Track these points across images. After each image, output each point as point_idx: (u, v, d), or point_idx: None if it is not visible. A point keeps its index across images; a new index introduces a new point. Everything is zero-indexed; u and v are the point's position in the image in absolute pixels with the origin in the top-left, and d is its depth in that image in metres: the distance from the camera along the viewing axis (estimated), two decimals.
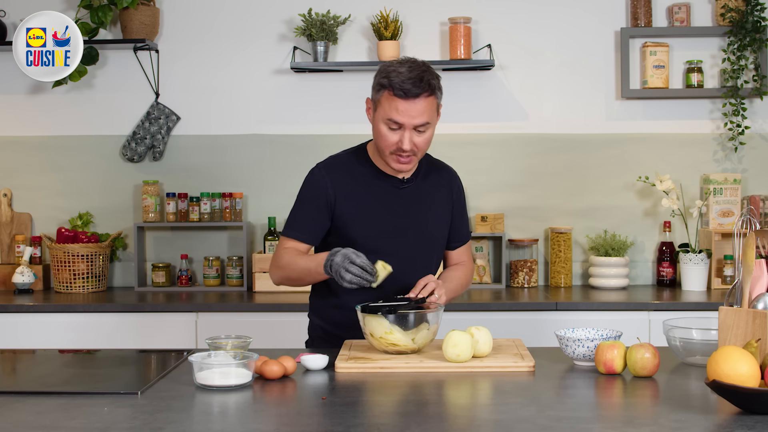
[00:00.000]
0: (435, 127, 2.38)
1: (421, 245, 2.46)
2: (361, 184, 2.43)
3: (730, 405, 1.69)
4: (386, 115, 2.30)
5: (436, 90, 2.32)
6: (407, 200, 2.45)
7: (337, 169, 2.46)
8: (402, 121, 2.28)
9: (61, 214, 4.05)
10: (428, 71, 2.32)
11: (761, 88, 3.83)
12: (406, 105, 2.27)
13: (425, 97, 2.28)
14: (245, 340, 2.12)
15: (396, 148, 2.32)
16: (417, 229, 2.45)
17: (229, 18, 4.01)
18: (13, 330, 3.46)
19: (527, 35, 3.98)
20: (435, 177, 2.52)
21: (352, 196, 2.42)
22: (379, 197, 2.43)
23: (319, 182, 2.45)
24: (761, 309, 1.89)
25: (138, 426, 1.62)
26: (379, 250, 2.35)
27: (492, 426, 1.61)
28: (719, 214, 3.85)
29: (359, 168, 2.45)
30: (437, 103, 2.35)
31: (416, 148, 2.33)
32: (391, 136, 2.31)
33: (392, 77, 2.28)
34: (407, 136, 2.30)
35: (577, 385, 1.95)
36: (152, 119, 3.98)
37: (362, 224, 2.41)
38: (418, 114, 2.28)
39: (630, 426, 1.61)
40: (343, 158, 2.50)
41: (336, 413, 1.72)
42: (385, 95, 2.30)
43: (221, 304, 3.54)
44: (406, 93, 2.26)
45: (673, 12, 3.93)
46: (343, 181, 2.43)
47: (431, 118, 2.32)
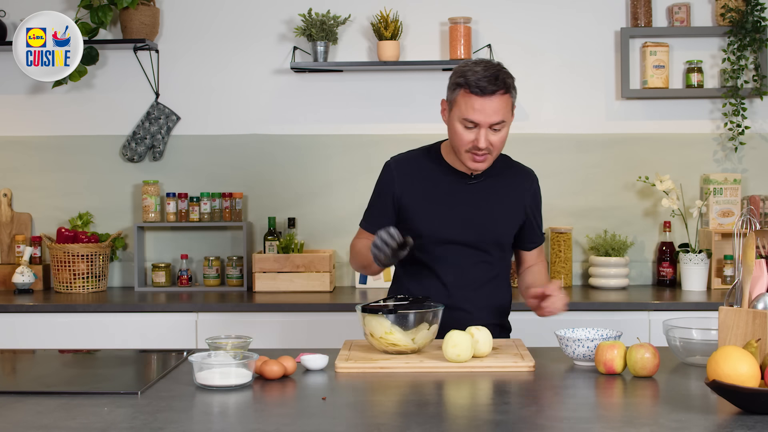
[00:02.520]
0: (510, 126, 2.41)
1: (484, 240, 2.49)
2: (428, 179, 2.49)
3: (730, 405, 1.69)
4: (462, 114, 2.34)
5: (511, 89, 2.36)
6: (474, 195, 2.48)
7: (407, 163, 2.53)
8: (478, 120, 2.32)
9: (61, 214, 4.05)
10: (503, 70, 2.36)
11: (761, 88, 3.83)
12: (482, 102, 2.31)
13: (501, 94, 2.32)
14: (245, 340, 2.12)
15: (472, 146, 2.36)
16: (481, 224, 2.47)
17: (229, 18, 4.01)
18: (13, 330, 3.47)
19: (527, 35, 3.98)
20: (509, 178, 2.54)
21: (417, 190, 2.48)
22: (446, 191, 2.47)
23: (386, 176, 2.54)
24: (761, 309, 1.89)
25: (138, 426, 1.62)
26: (443, 242, 2.45)
27: (492, 426, 1.61)
28: (719, 214, 3.85)
29: (429, 164, 2.51)
30: (512, 102, 2.39)
31: (492, 147, 2.37)
32: (467, 134, 2.35)
33: (468, 76, 2.32)
34: (483, 134, 2.34)
35: (577, 385, 1.95)
36: (152, 119, 3.98)
37: (426, 216, 2.47)
38: (493, 112, 2.32)
39: (630, 426, 1.61)
40: (415, 153, 2.56)
41: (336, 413, 1.72)
42: (462, 94, 2.34)
43: (221, 304, 3.54)
44: (482, 90, 2.30)
45: (673, 12, 3.93)
46: (410, 174, 2.50)
47: (506, 117, 2.36)
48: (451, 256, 2.48)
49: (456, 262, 2.48)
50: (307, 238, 3.97)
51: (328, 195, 3.97)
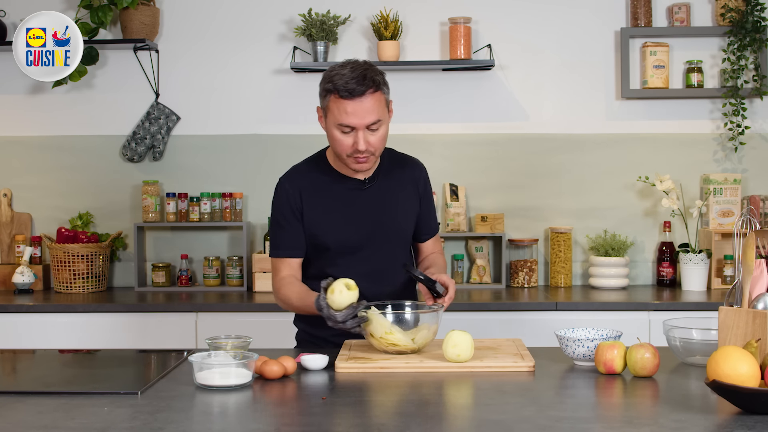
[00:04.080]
0: (388, 124, 2.38)
1: (390, 241, 2.48)
2: (323, 191, 2.45)
3: (730, 405, 1.69)
4: (337, 120, 2.31)
5: (381, 85, 2.33)
6: (371, 200, 2.46)
7: (299, 179, 2.48)
8: (353, 123, 2.29)
9: (61, 214, 4.05)
10: (371, 69, 2.32)
11: (761, 88, 3.83)
12: (353, 105, 2.28)
13: (371, 93, 2.29)
14: (245, 340, 2.12)
15: (352, 150, 2.33)
16: (384, 227, 2.46)
17: (229, 18, 4.01)
18: (13, 330, 3.47)
19: (527, 35, 3.98)
20: (399, 172, 2.52)
21: (317, 203, 2.44)
22: (343, 201, 2.45)
23: (283, 195, 2.47)
24: (761, 309, 1.89)
25: (138, 426, 1.62)
26: (350, 252, 2.43)
27: (492, 426, 1.61)
28: (719, 214, 3.85)
29: (320, 175, 2.47)
30: (385, 99, 2.36)
31: (372, 148, 2.34)
32: (346, 139, 2.32)
33: (336, 80, 2.29)
34: (361, 136, 2.31)
35: (577, 385, 1.96)
36: (152, 119, 3.98)
37: (330, 229, 2.43)
38: (366, 113, 2.29)
39: (630, 426, 1.61)
40: (303, 168, 2.51)
41: (336, 413, 1.72)
42: (333, 99, 2.31)
43: (221, 304, 3.54)
44: (351, 93, 2.27)
45: (673, 12, 3.93)
46: (306, 190, 2.45)
47: (381, 115, 2.33)
48: (361, 264, 2.42)
49: (365, 268, 2.42)
50: None
51: None
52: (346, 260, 2.44)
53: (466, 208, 3.99)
